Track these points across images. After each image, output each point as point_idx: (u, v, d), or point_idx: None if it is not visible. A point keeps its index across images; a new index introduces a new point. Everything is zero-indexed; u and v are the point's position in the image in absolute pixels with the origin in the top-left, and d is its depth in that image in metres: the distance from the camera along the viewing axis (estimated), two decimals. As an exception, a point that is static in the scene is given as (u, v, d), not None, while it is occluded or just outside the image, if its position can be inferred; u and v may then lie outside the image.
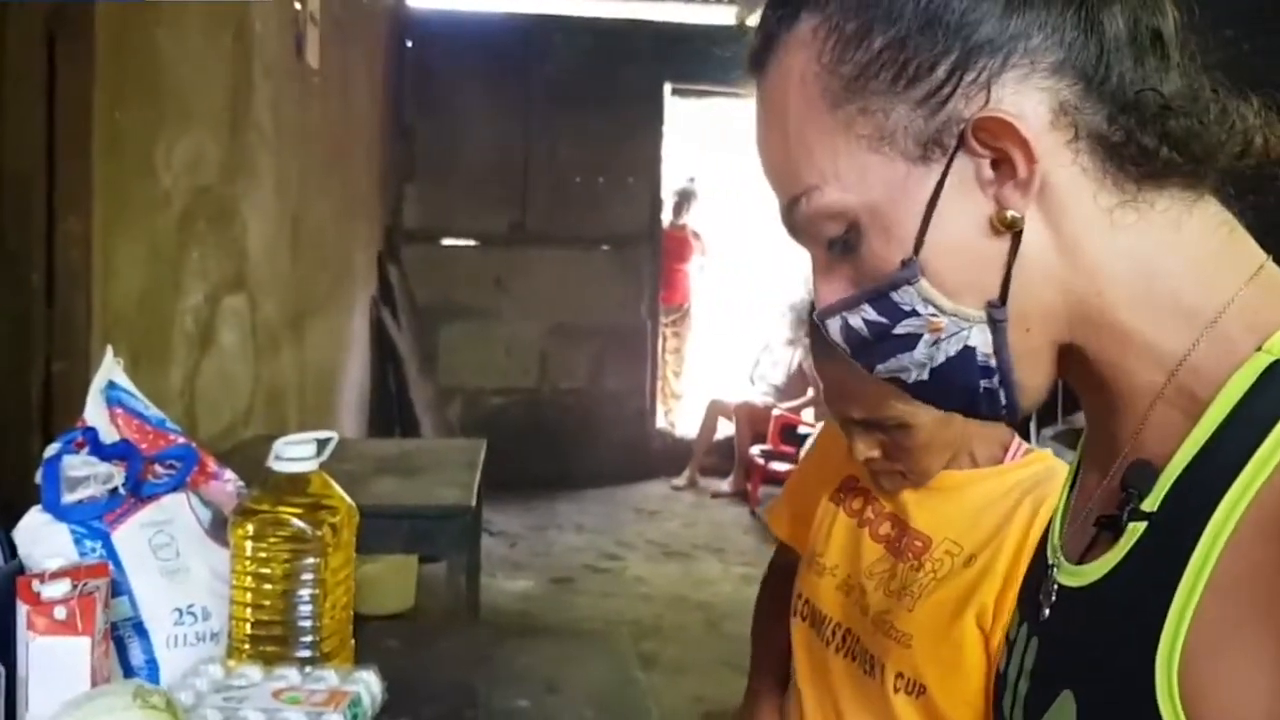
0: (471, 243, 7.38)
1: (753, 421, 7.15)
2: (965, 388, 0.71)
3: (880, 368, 0.73)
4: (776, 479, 6.78)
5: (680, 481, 7.37)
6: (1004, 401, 0.71)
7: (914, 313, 0.69)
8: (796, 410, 7.05)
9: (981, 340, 0.68)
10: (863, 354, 0.73)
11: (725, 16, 7.54)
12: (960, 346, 0.69)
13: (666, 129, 7.52)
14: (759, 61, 0.73)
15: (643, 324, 7.61)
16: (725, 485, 7.23)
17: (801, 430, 6.82)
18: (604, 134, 7.23)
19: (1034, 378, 0.70)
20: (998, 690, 0.80)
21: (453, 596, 3.03)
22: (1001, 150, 0.65)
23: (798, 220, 0.72)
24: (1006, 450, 1.35)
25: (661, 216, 7.66)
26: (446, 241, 7.34)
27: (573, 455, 7.16)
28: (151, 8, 2.62)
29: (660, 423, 7.89)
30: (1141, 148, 0.65)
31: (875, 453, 1.30)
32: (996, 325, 0.68)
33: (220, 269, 3.21)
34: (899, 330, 0.70)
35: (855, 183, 0.68)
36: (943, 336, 0.69)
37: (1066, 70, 0.65)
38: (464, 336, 7.28)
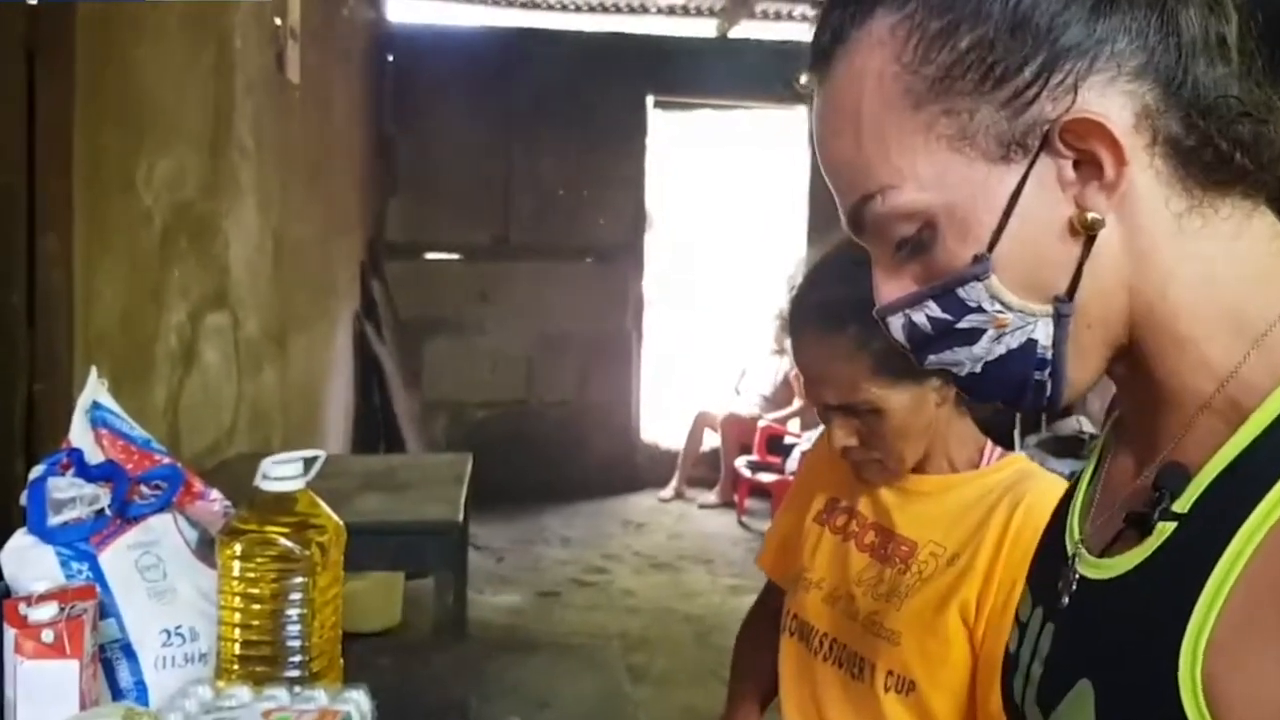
0: (455, 256, 7.37)
1: (739, 432, 7.15)
2: (1018, 380, 0.72)
3: (933, 360, 0.74)
4: (763, 490, 6.79)
5: (667, 493, 7.36)
6: (1049, 393, 0.71)
7: (979, 309, 0.69)
8: (783, 420, 7.06)
9: (1044, 334, 0.69)
10: (921, 349, 0.74)
11: (707, 29, 7.57)
12: (1024, 340, 0.70)
13: (649, 141, 7.54)
14: (825, 56, 0.72)
15: (627, 336, 7.61)
16: (712, 496, 7.23)
17: (788, 441, 6.83)
18: (587, 146, 7.24)
19: (1083, 374, 0.71)
20: (1007, 669, 0.81)
21: (440, 612, 3.02)
22: (1087, 152, 0.66)
23: (868, 219, 0.72)
24: (982, 453, 1.38)
25: (645, 228, 7.67)
26: (430, 255, 7.33)
27: (559, 468, 7.15)
28: (132, 25, 2.62)
29: (646, 435, 7.88)
30: (1217, 153, 0.66)
31: (852, 440, 1.33)
32: (1061, 320, 0.69)
33: (202, 286, 3.19)
34: (962, 325, 0.70)
35: (934, 183, 0.68)
36: (1006, 332, 0.70)
37: (1148, 74, 0.66)
38: (448, 350, 7.26)
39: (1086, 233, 0.67)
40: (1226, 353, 0.67)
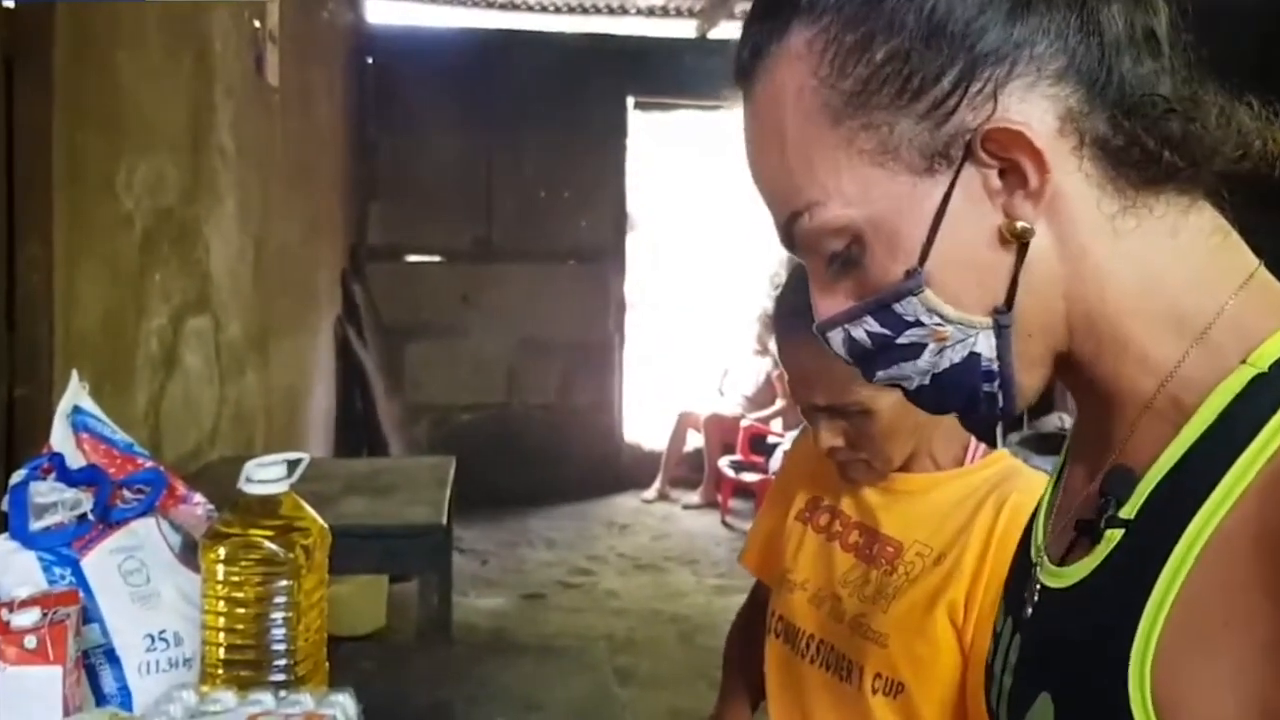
0: (437, 259, 7.36)
1: (722, 432, 7.16)
2: (967, 392, 0.71)
3: (881, 375, 0.73)
4: (747, 490, 6.80)
5: (650, 494, 7.36)
6: (1002, 403, 0.70)
7: (918, 323, 0.68)
8: (766, 420, 7.07)
9: (986, 346, 0.68)
10: (865, 363, 0.73)
11: (686, 30, 7.58)
12: (966, 353, 0.69)
13: (630, 142, 7.53)
14: (746, 74, 0.72)
15: (610, 337, 7.61)
16: (695, 497, 7.23)
17: (771, 440, 6.84)
18: (568, 148, 7.24)
19: (1032, 380, 0.70)
20: (987, 680, 0.81)
21: (425, 616, 3.01)
22: (1010, 160, 0.65)
23: (797, 236, 0.71)
24: (966, 450, 1.37)
25: (627, 230, 7.67)
26: (411, 258, 7.31)
27: (542, 470, 7.14)
28: (110, 29, 2.60)
29: (629, 436, 7.88)
30: (1145, 151, 0.65)
31: (839, 441, 1.32)
32: (1001, 331, 0.67)
33: (183, 291, 3.18)
34: (902, 340, 0.69)
35: (858, 198, 0.67)
36: (948, 344, 0.68)
37: (1070, 76, 0.64)
38: (431, 354, 7.25)
39: (1017, 241, 0.66)
40: (1168, 351, 0.66)
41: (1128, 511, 0.65)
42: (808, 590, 1.42)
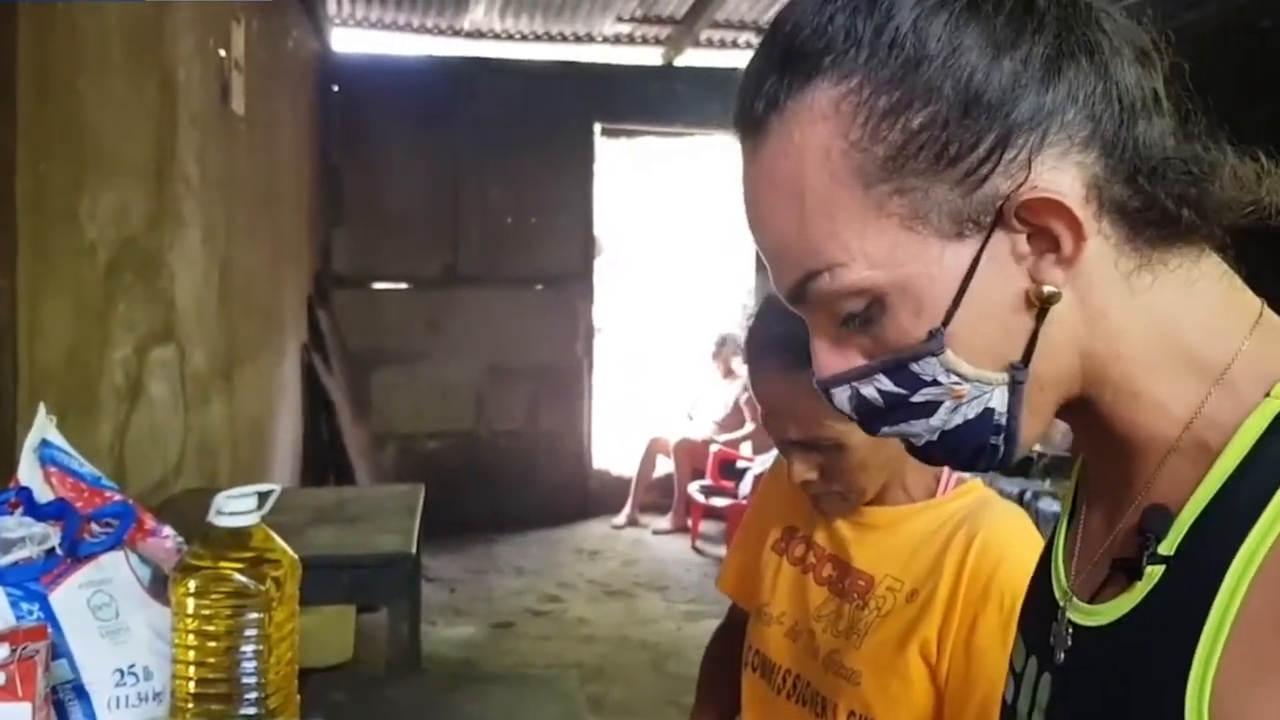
0: (403, 286, 7.34)
1: (691, 457, 7.17)
2: (974, 446, 0.70)
3: (888, 431, 0.72)
4: (716, 514, 6.80)
5: (620, 520, 7.35)
6: (1002, 454, 0.71)
7: (934, 382, 0.68)
8: (735, 444, 7.08)
9: (1000, 401, 0.68)
10: (870, 420, 0.72)
11: (652, 58, 7.63)
12: (981, 409, 0.69)
13: (597, 168, 7.56)
14: (758, 125, 0.69)
15: (578, 363, 7.61)
16: (665, 522, 7.23)
17: (740, 465, 6.85)
18: (534, 174, 7.26)
19: (1034, 429, 0.70)
20: (1005, 718, 0.80)
21: (394, 646, 2.99)
22: (1042, 226, 0.65)
23: (812, 295, 0.69)
24: (939, 480, 1.37)
25: (594, 255, 7.68)
26: (377, 285, 7.30)
27: (510, 497, 7.12)
28: (74, 57, 2.59)
29: (598, 462, 7.87)
30: (1164, 212, 0.66)
31: (813, 474, 1.31)
32: (1016, 386, 0.68)
33: (148, 320, 3.15)
34: (917, 399, 0.69)
35: (885, 260, 0.66)
36: (964, 402, 0.68)
37: (1095, 143, 0.65)
38: (397, 381, 7.22)
39: (1042, 305, 0.66)
40: (1187, 396, 0.67)
41: (1166, 548, 0.66)
42: (784, 624, 1.42)
